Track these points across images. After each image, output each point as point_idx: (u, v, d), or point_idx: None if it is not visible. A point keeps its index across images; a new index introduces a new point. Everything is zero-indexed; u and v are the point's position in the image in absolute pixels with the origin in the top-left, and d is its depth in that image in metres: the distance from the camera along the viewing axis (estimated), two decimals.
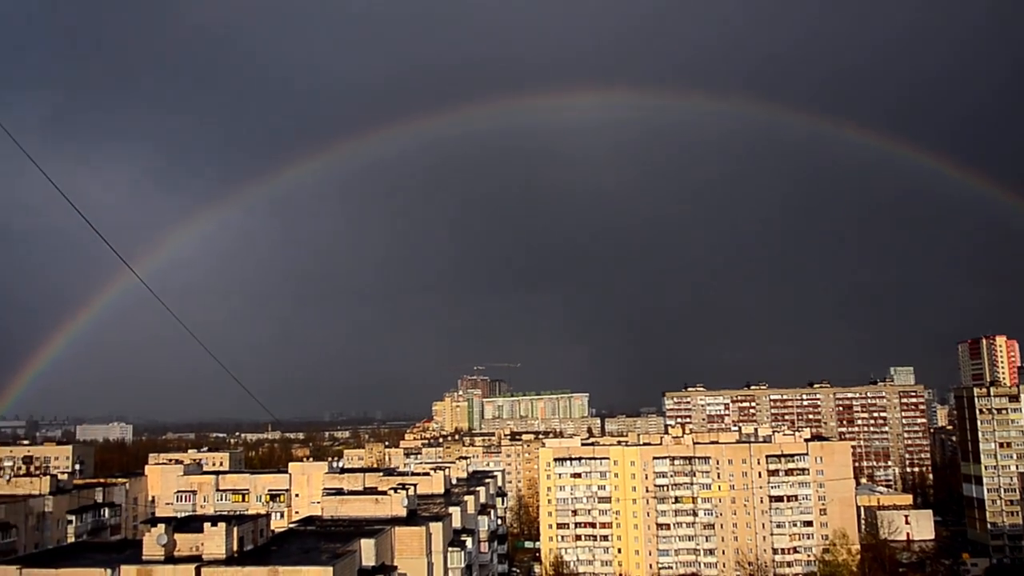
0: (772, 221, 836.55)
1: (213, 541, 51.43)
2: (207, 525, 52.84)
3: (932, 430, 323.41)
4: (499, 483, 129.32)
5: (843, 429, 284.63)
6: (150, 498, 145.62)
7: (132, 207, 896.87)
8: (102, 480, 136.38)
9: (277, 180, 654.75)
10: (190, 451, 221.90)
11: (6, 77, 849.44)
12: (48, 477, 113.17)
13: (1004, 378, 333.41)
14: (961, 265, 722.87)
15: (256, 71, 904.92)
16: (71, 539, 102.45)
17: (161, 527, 53.05)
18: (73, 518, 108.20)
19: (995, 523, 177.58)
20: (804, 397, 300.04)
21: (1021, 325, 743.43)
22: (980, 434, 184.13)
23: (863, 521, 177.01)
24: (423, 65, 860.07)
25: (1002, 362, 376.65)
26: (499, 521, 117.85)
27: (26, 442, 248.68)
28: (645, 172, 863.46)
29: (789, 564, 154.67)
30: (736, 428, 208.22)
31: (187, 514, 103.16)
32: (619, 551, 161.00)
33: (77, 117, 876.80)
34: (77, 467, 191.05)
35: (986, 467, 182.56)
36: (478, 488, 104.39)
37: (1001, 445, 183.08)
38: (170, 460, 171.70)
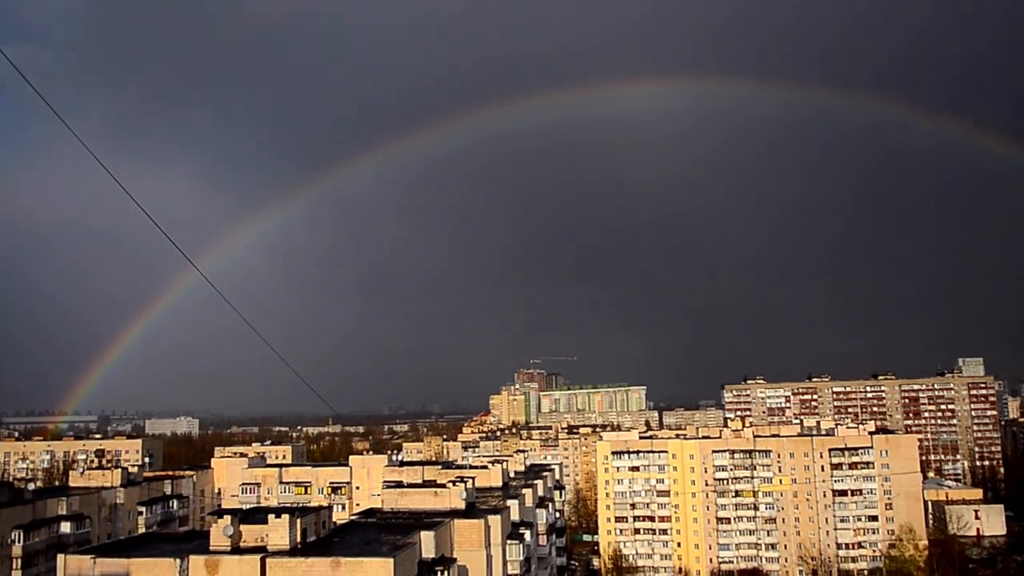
0: (836, 208, 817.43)
1: (277, 532, 52.50)
2: (271, 517, 53.90)
3: (1003, 423, 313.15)
4: (556, 476, 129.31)
5: (909, 422, 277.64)
6: (216, 490, 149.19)
7: (195, 207, 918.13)
8: (170, 473, 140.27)
9: (338, 179, 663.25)
10: (254, 444, 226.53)
11: (74, 81, 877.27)
12: (119, 470, 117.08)
13: None
14: None
15: (313, 72, 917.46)
16: (141, 530, 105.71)
17: (227, 518, 54.33)
18: (143, 509, 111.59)
19: None
20: (868, 389, 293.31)
21: None
22: None
23: (931, 516, 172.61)
24: (475, 63, 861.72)
25: None
26: (557, 514, 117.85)
27: (98, 436, 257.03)
28: (701, 161, 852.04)
29: (854, 559, 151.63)
30: (798, 421, 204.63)
31: (252, 506, 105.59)
32: (678, 545, 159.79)
33: (141, 119, 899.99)
34: (147, 460, 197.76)
35: None
36: (536, 481, 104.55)
37: None
38: (235, 453, 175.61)
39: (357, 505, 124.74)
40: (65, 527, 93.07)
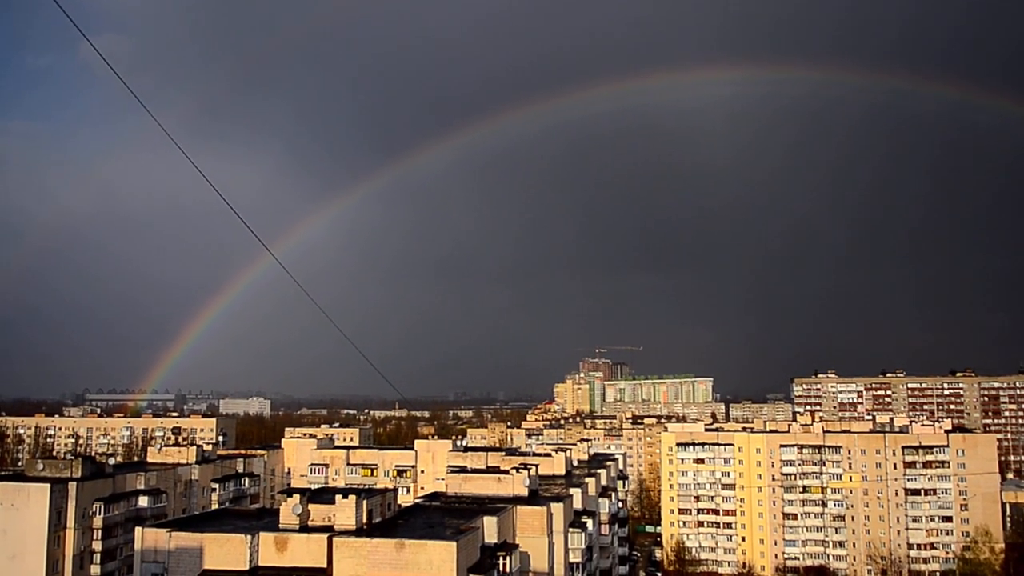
0: (913, 198, 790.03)
1: (344, 513, 53.58)
2: (339, 497, 55.04)
3: None
4: (620, 466, 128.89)
5: (988, 421, 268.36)
6: (286, 469, 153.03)
7: (272, 194, 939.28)
8: (243, 451, 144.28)
9: (411, 168, 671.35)
10: (323, 426, 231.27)
11: (160, 71, 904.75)
12: (194, 447, 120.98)
13: None
14: None
15: (389, 61, 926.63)
16: (215, 506, 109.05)
17: (296, 497, 55.72)
18: (217, 486, 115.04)
19: None
20: (945, 386, 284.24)
21: None
22: None
23: (1008, 519, 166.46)
24: (546, 52, 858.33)
25: None
26: (620, 504, 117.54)
27: (175, 414, 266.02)
28: (774, 151, 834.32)
29: (925, 560, 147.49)
30: (870, 417, 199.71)
31: (320, 486, 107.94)
32: (743, 539, 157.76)
33: (224, 109, 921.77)
34: (220, 439, 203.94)
35: None
36: (599, 470, 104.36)
37: None
38: (304, 434, 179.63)
39: (422, 488, 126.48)
40: (143, 501, 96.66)
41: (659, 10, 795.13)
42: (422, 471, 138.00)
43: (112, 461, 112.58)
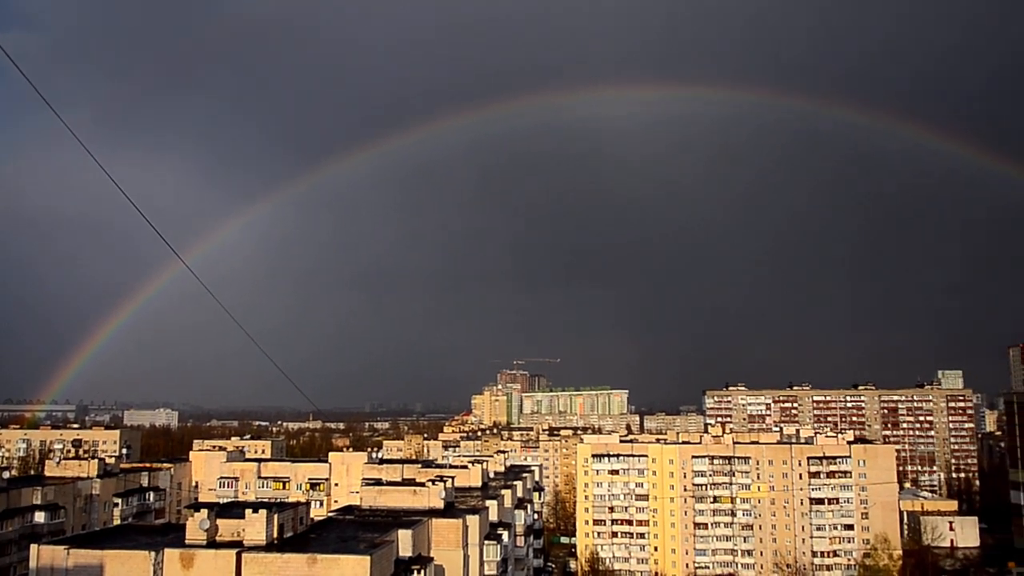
0: (818, 221, 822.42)
1: (254, 527, 52.25)
2: (248, 511, 53.64)
3: (980, 435, 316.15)
4: (536, 478, 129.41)
5: (888, 432, 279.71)
6: (194, 483, 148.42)
7: (183, 200, 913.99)
8: (148, 465, 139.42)
9: (332, 176, 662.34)
10: (233, 439, 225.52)
11: (70, 72, 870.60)
12: (96, 460, 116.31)
13: None
14: (1013, 268, 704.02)
15: (309, 68, 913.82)
16: (117, 521, 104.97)
17: (204, 512, 54.03)
18: (119, 501, 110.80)
19: None
20: (848, 399, 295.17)
21: None
22: None
23: (906, 526, 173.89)
24: (475, 66, 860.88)
25: None
26: (536, 516, 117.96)
27: (76, 426, 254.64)
28: (690, 170, 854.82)
29: (828, 568, 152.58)
30: (777, 429, 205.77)
31: (229, 500, 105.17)
32: (655, 549, 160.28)
33: (136, 112, 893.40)
34: (124, 451, 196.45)
35: None
36: (515, 482, 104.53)
37: None
38: (214, 447, 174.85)
39: (335, 502, 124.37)
40: (39, 517, 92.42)
41: (586, 32, 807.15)
42: (336, 484, 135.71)
43: (6, 475, 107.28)
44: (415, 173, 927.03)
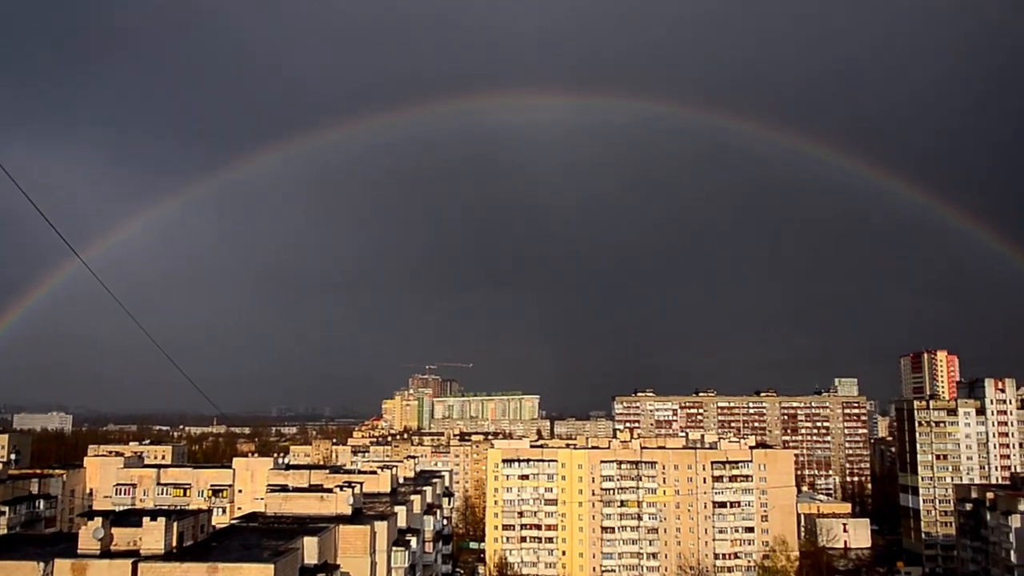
0: (726, 234, 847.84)
1: (151, 536, 50.48)
2: (146, 519, 51.83)
3: (872, 441, 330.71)
4: (446, 483, 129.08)
5: (787, 438, 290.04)
6: (88, 491, 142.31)
7: (83, 194, 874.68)
8: (38, 471, 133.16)
9: (240, 174, 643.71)
10: (131, 443, 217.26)
11: None
12: None
13: (943, 392, 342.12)
14: (905, 280, 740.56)
15: (222, 64, 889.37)
16: (3, 531, 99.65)
17: (98, 520, 51.91)
18: (6, 509, 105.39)
19: (929, 533, 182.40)
20: (750, 405, 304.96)
21: (961, 340, 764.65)
22: (918, 446, 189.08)
23: (803, 528, 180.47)
24: (394, 67, 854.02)
25: (942, 376, 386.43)
26: (445, 521, 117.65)
27: None
28: (605, 184, 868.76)
29: (729, 569, 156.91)
30: (684, 434, 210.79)
31: (126, 508, 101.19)
32: (563, 553, 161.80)
33: (31, 100, 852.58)
34: (12, 457, 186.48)
35: (923, 478, 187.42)
36: (425, 488, 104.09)
37: (938, 457, 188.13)
38: (110, 452, 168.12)
39: (239, 509, 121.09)
40: None
41: (509, 37, 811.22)
42: (240, 491, 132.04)
43: None
44: (327, 173, 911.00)
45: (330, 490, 78.12)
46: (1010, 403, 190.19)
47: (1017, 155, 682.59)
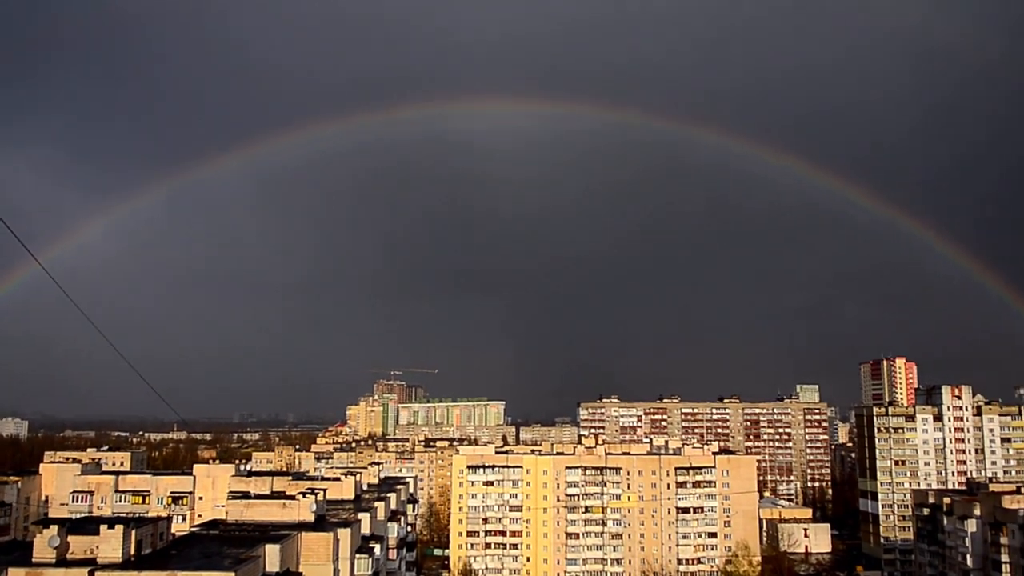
0: (690, 244, 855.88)
1: (109, 544, 49.66)
2: (103, 527, 51.05)
3: (833, 447, 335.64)
4: (411, 490, 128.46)
5: (750, 443, 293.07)
6: (44, 498, 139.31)
7: (38, 194, 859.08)
8: None
9: (200, 176, 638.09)
10: (89, 450, 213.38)
11: None
12: None
13: (902, 398, 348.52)
14: (866, 290, 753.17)
15: (179, 65, 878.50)
16: None
17: (54, 528, 51.00)
18: None
19: (888, 537, 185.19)
20: (714, 411, 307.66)
21: (920, 348, 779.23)
22: (877, 452, 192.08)
23: (765, 533, 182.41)
24: (357, 70, 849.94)
25: (900, 383, 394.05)
26: (409, 528, 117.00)
27: None
28: (569, 193, 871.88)
29: (692, 574, 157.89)
30: (648, 440, 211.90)
31: (83, 515, 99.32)
32: (528, 559, 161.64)
33: None
34: None
35: (882, 483, 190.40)
36: (389, 494, 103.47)
37: (896, 463, 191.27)
38: (67, 459, 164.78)
39: (200, 517, 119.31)
40: None
41: (467, 43, 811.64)
42: (200, 498, 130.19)
43: None
44: (290, 176, 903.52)
45: (293, 497, 77.30)
46: (966, 410, 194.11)
47: (978, 169, 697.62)
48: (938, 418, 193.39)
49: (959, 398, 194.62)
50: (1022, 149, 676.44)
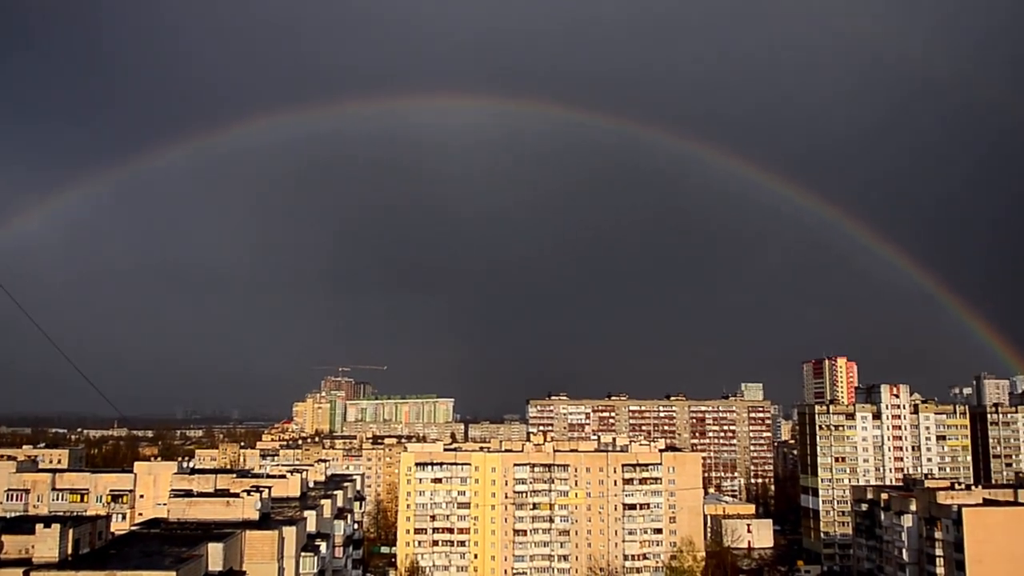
0: (636, 243, 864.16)
1: (45, 543, 48.47)
2: (39, 526, 49.88)
3: (776, 444, 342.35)
4: (358, 487, 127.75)
5: (696, 441, 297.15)
6: None
7: None
8: None
9: (144, 167, 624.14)
10: (25, 447, 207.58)
11: None
12: None
13: (842, 397, 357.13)
14: (809, 291, 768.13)
15: (122, 53, 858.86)
16: None
17: None
18: None
19: (828, 532, 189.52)
20: (661, 409, 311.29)
21: (860, 348, 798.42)
22: (818, 449, 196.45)
23: (709, 529, 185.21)
24: (306, 62, 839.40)
25: (841, 381, 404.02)
26: (356, 526, 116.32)
27: None
28: (520, 192, 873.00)
29: (638, 570, 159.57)
30: (596, 437, 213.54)
31: (18, 514, 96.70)
32: (475, 556, 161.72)
33: None
34: None
35: (822, 480, 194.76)
36: (335, 492, 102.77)
37: (836, 460, 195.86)
38: (2, 456, 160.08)
39: (140, 515, 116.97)
40: None
41: (420, 37, 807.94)
42: (141, 496, 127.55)
43: None
44: (232, 169, 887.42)
45: (237, 495, 76.35)
46: (904, 408, 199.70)
47: (920, 173, 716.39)
48: (877, 416, 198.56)
49: (897, 397, 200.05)
50: (965, 155, 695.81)
